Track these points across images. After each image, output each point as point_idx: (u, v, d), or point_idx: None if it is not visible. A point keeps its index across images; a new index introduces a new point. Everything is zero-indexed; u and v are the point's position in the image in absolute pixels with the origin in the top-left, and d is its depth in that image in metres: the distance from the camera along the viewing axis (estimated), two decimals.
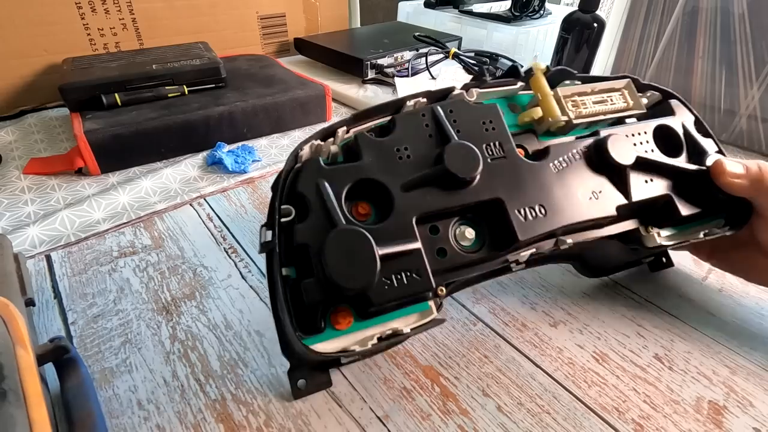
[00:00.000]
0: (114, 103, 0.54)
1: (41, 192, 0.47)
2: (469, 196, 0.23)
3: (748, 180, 0.27)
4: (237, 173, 0.51)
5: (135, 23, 0.72)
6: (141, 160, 0.53)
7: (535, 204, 0.24)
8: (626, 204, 0.26)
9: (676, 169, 0.27)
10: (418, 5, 1.02)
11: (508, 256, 0.24)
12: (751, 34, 0.55)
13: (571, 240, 0.25)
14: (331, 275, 0.20)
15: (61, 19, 0.65)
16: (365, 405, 0.27)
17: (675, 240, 0.28)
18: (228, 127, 0.56)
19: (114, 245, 0.40)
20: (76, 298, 0.35)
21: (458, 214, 0.24)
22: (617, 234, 0.27)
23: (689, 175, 0.28)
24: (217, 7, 0.79)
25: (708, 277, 0.37)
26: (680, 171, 0.28)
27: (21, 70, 0.65)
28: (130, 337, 0.32)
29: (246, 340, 0.32)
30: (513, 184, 0.24)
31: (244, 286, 0.36)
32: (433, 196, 0.23)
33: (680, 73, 0.62)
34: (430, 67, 0.74)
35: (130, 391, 0.28)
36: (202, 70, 0.59)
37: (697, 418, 0.27)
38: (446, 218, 0.24)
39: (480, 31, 0.88)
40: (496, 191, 0.23)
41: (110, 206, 0.45)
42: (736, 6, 0.55)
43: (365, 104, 0.68)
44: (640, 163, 0.26)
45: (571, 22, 0.66)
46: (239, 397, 0.28)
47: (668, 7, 0.61)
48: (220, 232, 0.42)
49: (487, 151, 0.24)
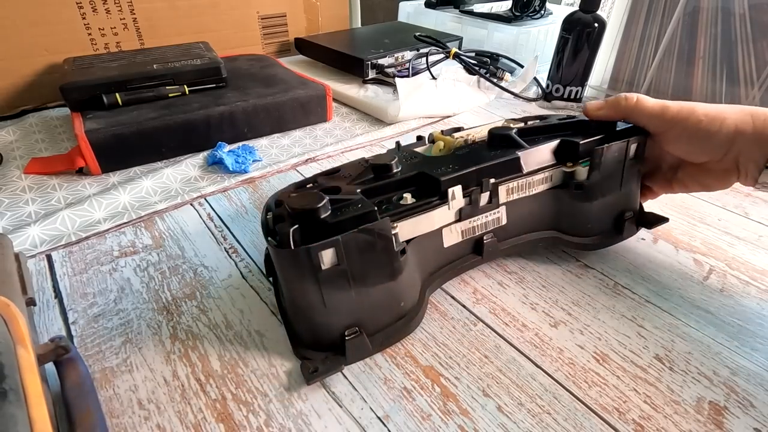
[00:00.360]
0: (115, 103, 0.54)
1: (42, 192, 0.47)
2: (398, 176, 0.32)
3: (607, 108, 0.36)
4: (237, 173, 0.51)
5: (136, 23, 0.72)
6: (142, 159, 0.53)
7: (449, 166, 0.32)
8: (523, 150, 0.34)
9: (557, 125, 0.37)
10: (418, 5, 1.02)
11: (448, 202, 0.32)
12: (752, 34, 0.55)
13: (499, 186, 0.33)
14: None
15: (62, 18, 0.65)
16: (365, 405, 0.27)
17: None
18: (229, 126, 0.56)
19: (115, 245, 0.40)
20: (76, 297, 0.35)
21: (395, 189, 0.32)
22: (552, 178, 0.35)
23: (577, 125, 0.37)
24: (218, 7, 0.79)
25: (709, 277, 0.37)
26: (564, 124, 0.37)
27: (22, 70, 0.65)
28: (131, 337, 0.32)
29: (246, 340, 0.32)
30: (430, 165, 0.33)
31: (244, 286, 0.36)
32: (370, 181, 0.32)
33: (681, 74, 0.62)
34: (430, 67, 0.74)
35: (131, 390, 0.28)
36: (202, 70, 0.59)
37: (698, 418, 0.27)
38: (388, 194, 0.32)
39: (480, 31, 0.88)
40: (419, 169, 0.33)
41: (111, 206, 0.45)
42: (737, 6, 0.55)
43: (366, 104, 0.68)
44: (525, 130, 0.36)
45: (572, 22, 0.65)
46: (239, 396, 0.28)
47: (669, 7, 0.61)
48: (221, 232, 0.42)
49: (411, 159, 0.35)
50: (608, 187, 0.36)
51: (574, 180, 0.35)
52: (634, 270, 0.38)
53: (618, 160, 0.35)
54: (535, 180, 0.35)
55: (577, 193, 0.35)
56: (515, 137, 0.35)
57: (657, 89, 0.65)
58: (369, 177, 0.33)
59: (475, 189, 0.32)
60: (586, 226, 0.38)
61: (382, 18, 1.24)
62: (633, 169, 0.36)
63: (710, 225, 0.44)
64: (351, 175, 0.33)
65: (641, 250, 0.40)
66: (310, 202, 0.27)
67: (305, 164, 0.54)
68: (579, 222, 0.38)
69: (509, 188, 0.34)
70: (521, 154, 0.33)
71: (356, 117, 0.68)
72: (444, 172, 0.31)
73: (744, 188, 0.50)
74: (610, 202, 0.37)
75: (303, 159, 0.54)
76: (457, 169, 0.32)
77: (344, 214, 0.27)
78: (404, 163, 0.34)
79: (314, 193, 0.28)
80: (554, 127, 0.37)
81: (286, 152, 0.57)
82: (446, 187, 0.31)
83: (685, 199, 0.48)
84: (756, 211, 0.46)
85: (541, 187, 0.35)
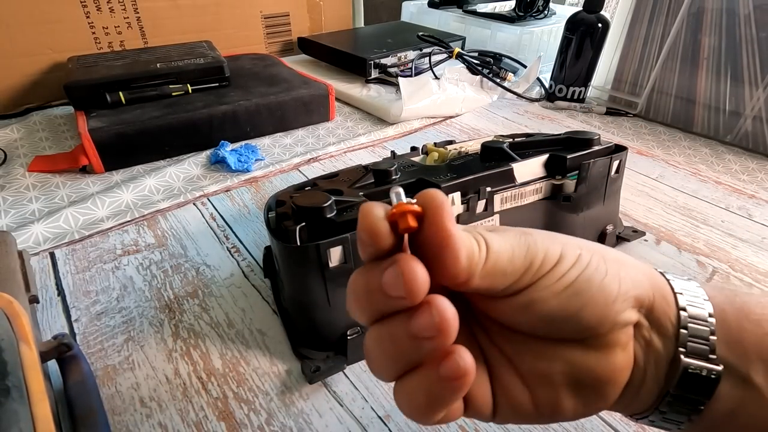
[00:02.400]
0: (118, 102, 0.54)
1: (46, 189, 0.48)
2: (397, 182, 0.33)
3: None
4: (240, 172, 0.51)
5: (139, 22, 0.72)
6: (145, 158, 0.53)
7: (446, 174, 0.33)
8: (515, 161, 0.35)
9: (544, 140, 0.39)
10: (422, 5, 1.01)
11: None
12: (757, 35, 0.55)
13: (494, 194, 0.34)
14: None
15: (66, 17, 0.66)
16: (366, 404, 0.27)
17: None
18: (231, 125, 0.56)
19: (117, 243, 0.40)
20: (79, 295, 0.35)
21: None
22: (542, 190, 0.36)
23: (563, 141, 0.38)
24: (222, 6, 0.79)
25: (712, 279, 0.37)
26: (551, 140, 0.38)
27: (26, 69, 0.66)
28: (133, 335, 0.32)
29: (248, 339, 0.32)
30: (427, 173, 0.34)
31: (246, 285, 0.36)
32: (370, 186, 0.33)
33: (685, 74, 0.62)
34: (433, 66, 0.74)
35: (133, 388, 0.28)
36: (206, 69, 0.59)
37: None
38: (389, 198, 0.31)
39: (484, 31, 0.88)
40: (418, 176, 0.34)
41: (114, 204, 0.45)
42: (742, 7, 0.55)
43: (369, 104, 0.68)
44: (515, 144, 0.38)
45: (576, 22, 0.65)
46: (241, 395, 0.28)
47: (673, 7, 0.61)
48: (223, 231, 0.42)
49: (408, 167, 0.36)
50: (593, 201, 0.38)
51: (562, 192, 0.37)
52: None
53: (602, 175, 0.37)
54: (527, 191, 0.36)
55: (564, 204, 0.37)
56: (508, 150, 0.36)
57: (660, 90, 0.65)
58: (369, 182, 0.33)
59: (472, 196, 0.33)
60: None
61: (385, 17, 1.24)
62: (615, 185, 0.39)
63: (713, 227, 0.44)
64: (350, 179, 0.34)
65: (644, 251, 0.40)
66: (318, 201, 0.28)
67: (307, 164, 0.54)
68: (566, 233, 0.38)
69: (503, 197, 0.35)
70: (514, 165, 0.34)
71: (359, 116, 0.68)
72: (443, 179, 0.32)
73: (748, 190, 0.50)
74: (594, 215, 0.38)
75: (305, 159, 0.54)
76: (455, 177, 0.32)
77: (351, 214, 0.28)
78: (402, 170, 0.35)
79: (320, 193, 0.29)
80: (542, 143, 0.38)
81: (289, 151, 0.57)
82: (446, 194, 0.32)
83: (687, 201, 0.48)
84: (759, 213, 0.46)
85: (532, 198, 0.36)
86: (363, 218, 0.14)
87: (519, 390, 0.17)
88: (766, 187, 0.51)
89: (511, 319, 0.17)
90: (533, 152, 0.37)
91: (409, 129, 0.63)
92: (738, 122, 0.59)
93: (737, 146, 0.60)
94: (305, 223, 0.28)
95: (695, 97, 0.62)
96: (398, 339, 0.14)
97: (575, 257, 0.17)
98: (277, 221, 0.30)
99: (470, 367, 0.14)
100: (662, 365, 0.17)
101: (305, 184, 0.35)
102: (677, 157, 0.57)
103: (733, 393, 0.17)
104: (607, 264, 0.17)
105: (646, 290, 0.17)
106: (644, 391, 0.17)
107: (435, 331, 0.14)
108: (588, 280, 0.16)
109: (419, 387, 0.15)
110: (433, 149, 0.41)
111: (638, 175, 0.53)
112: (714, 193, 0.50)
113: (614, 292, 0.16)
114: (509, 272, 0.16)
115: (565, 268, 0.16)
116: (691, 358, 0.17)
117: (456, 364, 0.14)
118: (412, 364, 0.15)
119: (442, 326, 0.14)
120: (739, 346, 0.17)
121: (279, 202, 0.32)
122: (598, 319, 0.16)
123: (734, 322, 0.17)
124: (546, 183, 0.36)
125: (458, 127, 0.64)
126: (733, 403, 0.17)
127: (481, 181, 0.33)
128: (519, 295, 0.16)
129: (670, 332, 0.17)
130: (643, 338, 0.17)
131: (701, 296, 0.18)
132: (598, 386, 0.17)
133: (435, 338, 0.14)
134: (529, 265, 0.16)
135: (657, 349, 0.17)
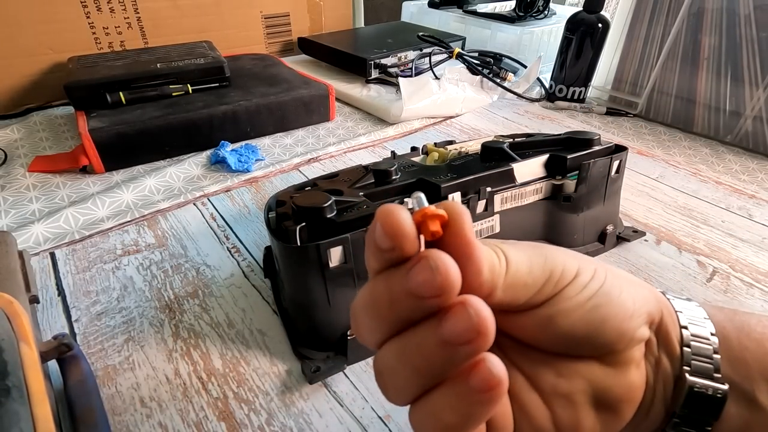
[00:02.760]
0: (119, 102, 0.54)
1: (46, 190, 0.48)
2: (398, 182, 0.33)
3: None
4: (240, 172, 0.51)
5: (140, 22, 0.72)
6: (145, 158, 0.53)
7: (447, 174, 0.33)
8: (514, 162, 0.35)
9: (544, 141, 0.39)
10: (422, 5, 1.01)
11: None
12: (757, 35, 0.55)
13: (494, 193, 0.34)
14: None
15: (67, 17, 0.66)
16: (367, 405, 0.27)
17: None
18: (231, 126, 0.56)
19: (118, 243, 0.40)
20: (79, 295, 0.35)
21: (396, 194, 0.33)
22: (542, 190, 0.36)
23: (562, 141, 0.38)
24: (222, 7, 0.79)
25: (712, 279, 0.37)
26: (551, 140, 0.38)
27: (26, 69, 0.66)
28: (133, 335, 0.32)
29: (248, 339, 0.32)
30: (428, 173, 0.34)
31: (246, 285, 0.36)
32: (370, 186, 0.33)
33: (685, 75, 0.62)
34: (433, 66, 0.74)
35: (133, 388, 0.28)
36: (206, 69, 0.59)
37: None
38: (390, 198, 0.33)
39: (484, 32, 0.88)
40: (419, 176, 0.34)
41: (114, 204, 0.45)
42: (742, 7, 0.55)
43: (369, 104, 0.68)
44: (514, 145, 0.38)
45: (576, 22, 0.65)
46: (241, 395, 0.28)
47: (673, 7, 0.61)
48: (224, 231, 0.42)
49: (408, 167, 0.36)
50: (593, 201, 0.38)
51: (562, 192, 0.37)
52: (637, 272, 0.38)
53: (602, 175, 0.37)
54: (527, 191, 0.36)
55: (565, 204, 0.37)
56: (508, 150, 0.36)
57: (661, 90, 0.65)
58: (369, 182, 0.33)
59: (473, 196, 0.33)
60: (573, 237, 0.39)
61: (386, 18, 1.24)
62: (615, 185, 0.38)
63: (714, 227, 0.44)
64: (350, 180, 0.34)
65: (644, 251, 0.40)
66: (318, 201, 0.28)
67: (308, 164, 0.54)
68: (566, 233, 0.39)
69: (503, 197, 0.35)
70: (514, 166, 0.34)
71: (359, 117, 0.68)
72: (443, 179, 0.32)
73: (748, 190, 0.50)
74: (595, 215, 0.38)
75: (306, 159, 0.54)
76: (455, 177, 0.32)
77: (351, 214, 0.28)
78: (402, 171, 0.35)
79: (321, 193, 0.29)
80: (542, 143, 0.38)
81: (289, 151, 0.57)
82: (446, 193, 0.32)
83: (687, 201, 0.48)
84: (760, 213, 0.46)
85: (532, 198, 0.36)
86: (386, 219, 0.13)
87: (540, 410, 0.16)
88: (766, 187, 0.51)
89: (531, 335, 0.16)
90: (533, 152, 0.37)
91: (409, 129, 0.63)
92: (738, 122, 0.59)
93: (737, 146, 0.60)
94: (305, 223, 0.28)
95: (695, 97, 0.62)
96: (425, 349, 0.13)
97: (592, 271, 0.16)
98: (278, 221, 0.30)
99: (504, 375, 0.13)
100: (669, 384, 0.17)
101: (305, 184, 0.35)
102: (677, 157, 0.57)
103: (739, 413, 0.16)
104: (619, 280, 0.17)
105: (655, 307, 0.17)
106: (653, 411, 0.17)
107: (474, 333, 0.12)
108: (607, 294, 0.16)
109: (446, 405, 0.13)
110: (434, 149, 0.41)
111: (638, 175, 0.53)
112: (714, 193, 0.50)
113: (631, 308, 0.16)
114: (530, 283, 0.15)
115: (585, 280, 0.16)
116: (696, 377, 0.16)
117: (489, 372, 0.12)
118: (436, 379, 0.13)
119: (482, 327, 0.12)
120: (742, 365, 0.17)
121: (279, 202, 0.32)
122: (617, 334, 0.16)
123: (736, 341, 0.17)
124: (546, 183, 0.36)
125: (458, 127, 0.64)
126: (739, 425, 0.16)
127: (482, 181, 0.33)
128: (541, 308, 0.16)
129: (677, 351, 0.17)
130: (653, 356, 0.17)
131: (701, 315, 0.18)
132: (616, 405, 0.16)
133: (472, 342, 0.12)
134: (549, 276, 0.15)
135: (665, 368, 0.17)
